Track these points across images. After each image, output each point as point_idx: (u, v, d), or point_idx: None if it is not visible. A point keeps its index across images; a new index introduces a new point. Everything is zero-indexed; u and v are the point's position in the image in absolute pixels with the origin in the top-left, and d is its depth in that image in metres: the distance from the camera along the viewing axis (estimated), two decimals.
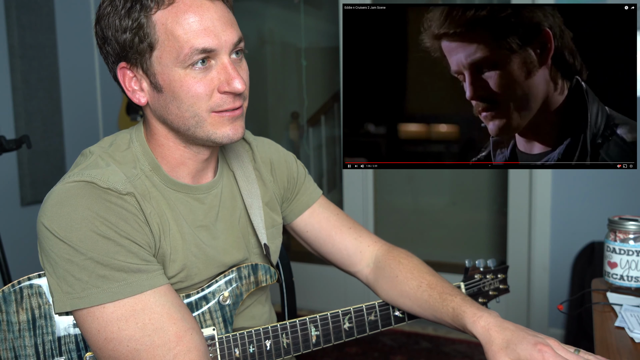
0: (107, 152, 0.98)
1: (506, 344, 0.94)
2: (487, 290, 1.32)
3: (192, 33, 0.89)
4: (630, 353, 1.01)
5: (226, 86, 0.92)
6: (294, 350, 1.10)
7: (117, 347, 0.86)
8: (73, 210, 0.87)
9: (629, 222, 1.24)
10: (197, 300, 1.03)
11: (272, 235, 1.16)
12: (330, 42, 3.42)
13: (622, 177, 2.50)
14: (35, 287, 0.94)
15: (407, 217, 3.35)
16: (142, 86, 0.96)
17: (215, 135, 0.95)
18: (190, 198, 1.03)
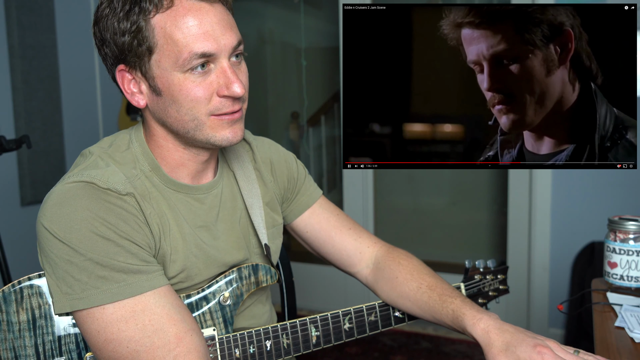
0: (106, 153, 0.98)
1: (506, 347, 0.94)
2: (487, 290, 1.32)
3: (191, 37, 0.89)
4: (630, 353, 1.01)
5: (225, 90, 0.92)
6: (294, 351, 1.10)
7: (117, 348, 0.86)
8: (73, 210, 0.87)
9: (629, 222, 1.24)
10: (198, 300, 1.03)
11: (273, 235, 1.16)
12: (330, 42, 3.42)
13: (622, 177, 2.50)
14: (35, 287, 0.94)
15: (407, 217, 3.35)
16: (141, 89, 0.96)
17: (214, 138, 0.95)
18: (190, 198, 1.03)
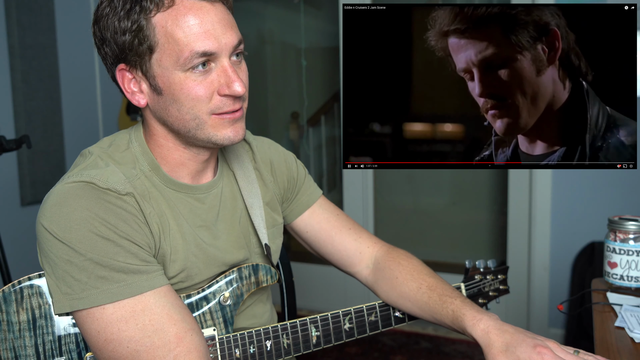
0: (106, 153, 0.98)
1: (506, 347, 0.94)
2: (487, 290, 1.32)
3: (192, 36, 0.89)
4: (630, 353, 1.01)
5: (226, 89, 0.92)
6: (294, 351, 1.10)
7: (117, 348, 0.86)
8: (72, 210, 0.87)
9: (629, 222, 1.24)
10: (198, 300, 1.03)
11: (273, 235, 1.16)
12: (330, 42, 3.42)
13: (622, 177, 2.50)
14: (35, 287, 0.94)
15: (407, 217, 3.35)
16: (141, 88, 0.96)
17: (216, 137, 0.95)
18: (190, 198, 1.02)
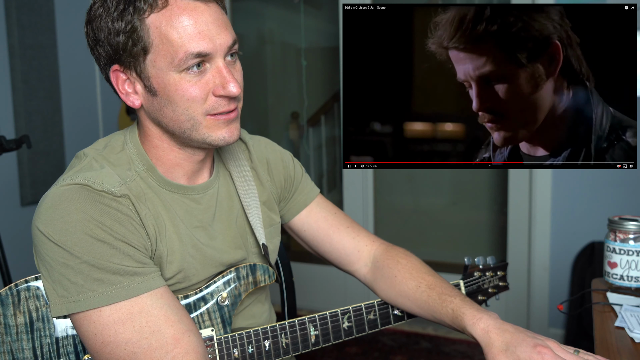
0: (101, 154, 0.98)
1: (506, 347, 0.93)
2: (486, 287, 1.31)
3: (186, 37, 0.88)
4: (630, 353, 1.00)
5: (221, 90, 0.92)
6: (293, 350, 1.10)
7: (115, 350, 0.86)
8: (67, 213, 0.87)
9: (629, 222, 1.23)
10: (196, 301, 1.03)
11: (270, 234, 1.16)
12: (330, 42, 3.41)
13: (622, 177, 2.50)
14: (32, 290, 0.94)
15: (407, 217, 3.34)
16: (135, 89, 0.95)
17: (211, 138, 0.95)
18: (186, 199, 1.02)
